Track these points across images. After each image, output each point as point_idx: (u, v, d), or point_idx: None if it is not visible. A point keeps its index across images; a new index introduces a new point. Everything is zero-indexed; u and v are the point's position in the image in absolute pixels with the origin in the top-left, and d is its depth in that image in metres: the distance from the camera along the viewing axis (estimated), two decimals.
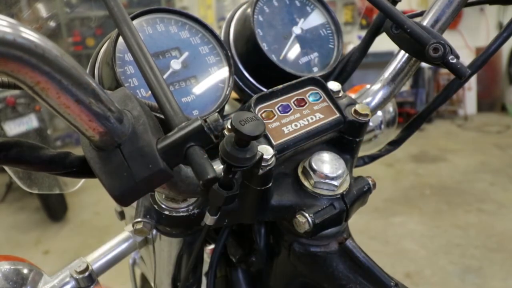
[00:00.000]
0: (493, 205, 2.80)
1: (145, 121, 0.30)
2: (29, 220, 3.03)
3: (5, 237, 2.87)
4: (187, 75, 0.47)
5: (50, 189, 0.61)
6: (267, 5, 0.57)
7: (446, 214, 2.75)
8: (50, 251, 2.65)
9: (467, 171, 3.34)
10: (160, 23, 0.48)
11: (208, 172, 0.29)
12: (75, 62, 0.24)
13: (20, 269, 0.46)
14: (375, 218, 2.70)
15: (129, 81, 0.44)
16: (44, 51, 0.21)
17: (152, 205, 0.44)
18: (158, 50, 0.47)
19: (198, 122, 0.30)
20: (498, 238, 2.45)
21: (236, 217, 0.46)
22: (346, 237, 0.50)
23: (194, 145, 0.30)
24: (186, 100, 0.46)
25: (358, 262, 0.48)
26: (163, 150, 0.29)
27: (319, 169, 0.46)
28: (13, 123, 2.71)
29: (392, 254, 2.37)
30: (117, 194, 0.29)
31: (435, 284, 2.15)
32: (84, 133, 0.27)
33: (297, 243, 0.50)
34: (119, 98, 0.32)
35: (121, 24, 0.35)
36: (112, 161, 0.29)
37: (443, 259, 2.32)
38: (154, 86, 0.33)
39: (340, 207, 0.46)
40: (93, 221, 2.93)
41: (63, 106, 0.24)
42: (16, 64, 0.20)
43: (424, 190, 3.08)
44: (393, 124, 0.77)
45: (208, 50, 0.50)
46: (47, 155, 0.30)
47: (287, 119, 0.47)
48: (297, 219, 0.44)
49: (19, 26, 0.20)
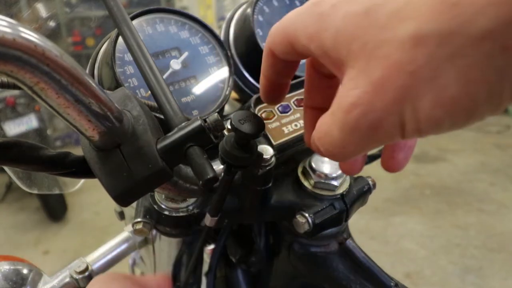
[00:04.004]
0: (493, 205, 2.80)
1: (145, 121, 0.30)
2: (29, 220, 3.03)
3: (5, 237, 2.87)
4: (187, 75, 0.47)
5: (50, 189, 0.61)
6: (267, 5, 0.57)
7: (446, 214, 2.74)
8: (50, 251, 2.65)
9: (467, 171, 3.34)
10: (160, 23, 0.48)
11: (208, 172, 0.29)
12: (74, 62, 0.23)
13: (20, 269, 0.46)
14: (375, 218, 2.70)
15: (129, 81, 0.44)
16: (44, 51, 0.21)
17: (152, 205, 0.44)
18: (158, 50, 0.47)
19: (198, 122, 0.30)
20: (498, 238, 2.45)
21: (236, 217, 0.46)
22: (346, 237, 0.50)
23: (194, 145, 0.30)
24: (186, 100, 0.46)
25: (358, 262, 0.48)
26: (163, 150, 0.29)
27: (319, 169, 0.46)
28: (13, 123, 2.71)
29: (392, 254, 2.37)
30: (117, 194, 0.29)
31: (435, 284, 2.15)
32: (84, 133, 0.27)
33: (297, 243, 0.50)
34: (119, 98, 0.32)
35: (121, 24, 0.35)
36: (112, 161, 0.29)
37: (443, 259, 2.32)
38: (154, 86, 0.33)
39: (340, 207, 0.46)
40: (93, 221, 2.93)
41: (62, 106, 0.24)
42: (15, 64, 0.20)
43: (424, 190, 3.08)
44: None
45: (208, 50, 0.50)
46: (47, 155, 0.30)
47: (287, 119, 0.47)
48: (297, 219, 0.44)
49: (19, 26, 0.20)
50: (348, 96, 0.21)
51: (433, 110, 0.18)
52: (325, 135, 0.24)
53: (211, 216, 0.39)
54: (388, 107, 0.19)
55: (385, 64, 0.19)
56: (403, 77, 0.18)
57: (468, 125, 0.20)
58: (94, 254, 0.53)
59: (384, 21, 0.19)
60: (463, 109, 0.18)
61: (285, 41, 0.26)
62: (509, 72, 0.17)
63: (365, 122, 0.20)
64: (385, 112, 0.20)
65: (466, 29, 0.16)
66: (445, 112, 0.18)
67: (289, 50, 0.26)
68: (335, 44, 0.21)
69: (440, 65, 0.17)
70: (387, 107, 0.19)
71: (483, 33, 0.16)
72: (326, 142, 0.24)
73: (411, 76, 0.18)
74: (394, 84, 0.19)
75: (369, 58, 0.19)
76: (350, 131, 0.21)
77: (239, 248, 0.57)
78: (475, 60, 0.17)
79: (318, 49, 0.23)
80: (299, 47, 0.25)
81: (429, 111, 0.19)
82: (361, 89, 0.20)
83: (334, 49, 0.21)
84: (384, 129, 0.20)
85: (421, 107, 0.19)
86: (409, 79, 0.18)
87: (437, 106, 0.18)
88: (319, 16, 0.22)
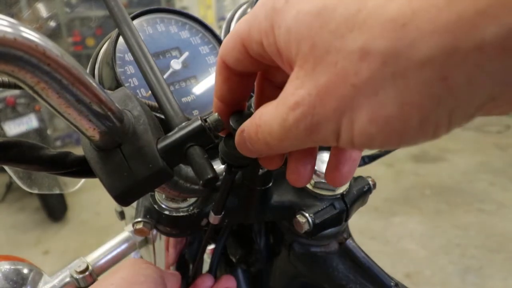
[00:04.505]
0: (493, 205, 2.80)
1: (146, 121, 0.30)
2: (29, 220, 3.03)
3: (5, 237, 2.87)
4: (187, 75, 0.47)
5: (50, 189, 0.61)
6: None
7: (446, 214, 2.75)
8: (50, 251, 2.65)
9: (467, 171, 3.34)
10: (160, 23, 0.48)
11: (208, 172, 0.29)
12: (75, 62, 0.24)
13: (20, 269, 0.46)
14: (375, 218, 2.70)
15: (129, 81, 0.44)
16: (45, 50, 0.21)
17: (152, 205, 0.44)
18: (158, 50, 0.47)
19: (198, 122, 0.30)
20: (498, 238, 2.45)
21: (237, 217, 0.46)
22: (346, 237, 0.50)
23: (194, 145, 0.30)
24: (186, 100, 0.46)
25: (358, 262, 0.48)
26: (163, 150, 0.30)
27: (319, 169, 0.46)
28: (13, 123, 2.71)
29: (392, 254, 2.37)
30: (117, 194, 0.29)
31: (435, 284, 2.15)
32: (84, 133, 0.27)
33: (297, 243, 0.50)
34: (119, 98, 0.32)
35: (121, 24, 0.35)
36: (112, 161, 0.29)
37: (443, 259, 2.32)
38: (154, 86, 0.33)
39: (340, 207, 0.46)
40: (93, 221, 2.93)
41: (63, 106, 0.24)
42: (16, 64, 0.20)
43: (424, 190, 3.08)
44: None
45: (208, 50, 0.50)
46: (47, 155, 0.30)
47: None
48: (297, 219, 0.44)
49: (20, 25, 0.20)
50: (293, 94, 0.21)
51: (367, 126, 0.19)
52: (264, 125, 0.24)
53: (214, 214, 0.40)
54: (328, 113, 0.20)
55: (331, 71, 0.19)
56: (346, 88, 0.18)
57: (401, 147, 0.20)
58: (94, 254, 0.53)
59: (334, 26, 0.19)
60: (395, 130, 0.18)
61: (238, 45, 0.25)
62: (446, 102, 0.17)
63: (304, 123, 0.21)
64: (324, 118, 0.20)
65: (410, 52, 0.16)
66: (378, 130, 0.18)
67: (242, 55, 0.25)
68: (286, 42, 0.21)
69: (382, 83, 0.17)
70: (327, 113, 0.20)
71: (423, 60, 0.16)
72: (265, 131, 0.24)
73: (353, 88, 0.18)
74: (337, 93, 0.19)
75: (317, 62, 0.19)
76: (289, 127, 0.22)
77: (239, 248, 0.57)
78: (414, 84, 0.17)
79: (270, 46, 0.22)
80: (253, 47, 0.24)
81: (363, 126, 0.19)
82: (306, 90, 0.20)
83: (285, 46, 0.21)
84: (321, 134, 0.21)
85: (357, 121, 0.19)
86: (351, 90, 0.18)
87: (372, 122, 0.18)
88: (272, 11, 0.22)
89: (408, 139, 0.19)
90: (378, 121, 0.18)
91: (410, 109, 0.17)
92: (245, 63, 0.26)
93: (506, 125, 4.33)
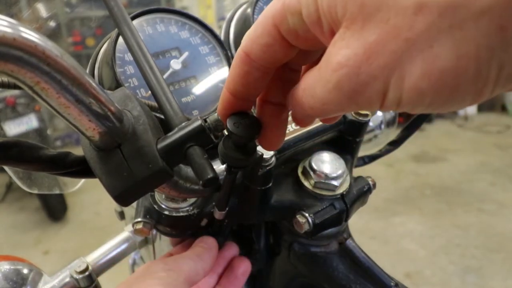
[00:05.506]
0: (493, 205, 2.80)
1: (145, 121, 0.30)
2: (29, 220, 3.03)
3: (5, 237, 2.87)
4: (187, 75, 0.47)
5: (50, 189, 0.61)
6: (267, 5, 0.57)
7: (446, 214, 2.75)
8: (50, 251, 2.65)
9: (467, 171, 3.34)
10: (160, 23, 0.48)
11: (208, 172, 0.29)
12: (75, 62, 0.24)
13: (20, 269, 0.46)
14: (375, 218, 2.70)
15: (129, 81, 0.44)
16: (45, 51, 0.21)
17: (152, 205, 0.44)
18: (158, 50, 0.47)
19: (198, 122, 0.30)
20: (498, 238, 2.45)
21: (236, 217, 0.46)
22: (346, 237, 0.50)
23: (194, 145, 0.30)
24: (186, 100, 0.46)
25: (358, 262, 0.48)
26: (163, 150, 0.29)
27: (319, 169, 0.46)
28: (13, 123, 2.71)
29: (392, 254, 2.37)
30: (117, 194, 0.29)
31: (435, 284, 2.15)
32: (84, 133, 0.27)
33: (297, 243, 0.50)
34: (119, 98, 0.32)
35: (121, 24, 0.35)
36: (112, 161, 0.29)
37: (443, 259, 2.32)
38: (154, 86, 0.33)
39: (340, 207, 0.46)
40: (93, 221, 2.93)
41: (63, 106, 0.24)
42: (16, 64, 0.20)
43: (424, 190, 3.08)
44: (393, 124, 0.77)
45: (208, 50, 0.50)
46: (47, 155, 0.30)
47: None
48: (297, 219, 0.44)
49: (19, 26, 0.20)
50: (337, 55, 0.21)
51: (419, 81, 0.18)
52: (309, 88, 0.24)
53: (219, 210, 0.41)
54: (375, 72, 0.19)
55: (382, 27, 0.19)
56: (398, 43, 0.18)
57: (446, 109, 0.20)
58: (94, 254, 0.53)
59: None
60: (447, 86, 0.18)
61: (268, 28, 0.25)
62: (499, 54, 0.17)
63: (349, 84, 0.20)
64: (370, 77, 0.19)
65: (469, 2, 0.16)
66: (430, 85, 0.18)
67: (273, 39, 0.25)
68: (330, 6, 0.21)
69: (437, 36, 0.17)
70: (374, 72, 0.19)
71: (483, 9, 0.16)
72: (309, 95, 0.24)
73: (406, 42, 0.18)
74: (387, 50, 0.19)
75: (366, 21, 0.19)
76: (332, 89, 0.21)
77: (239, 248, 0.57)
78: (472, 35, 0.17)
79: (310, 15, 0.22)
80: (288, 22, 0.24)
81: (415, 81, 0.18)
82: (352, 50, 0.20)
83: (328, 11, 0.21)
84: (366, 95, 0.20)
85: (408, 76, 0.19)
86: (403, 45, 0.18)
87: (424, 77, 0.18)
88: None
89: (457, 97, 0.19)
90: (431, 75, 0.18)
91: (466, 60, 0.17)
92: (274, 50, 0.25)
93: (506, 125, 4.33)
